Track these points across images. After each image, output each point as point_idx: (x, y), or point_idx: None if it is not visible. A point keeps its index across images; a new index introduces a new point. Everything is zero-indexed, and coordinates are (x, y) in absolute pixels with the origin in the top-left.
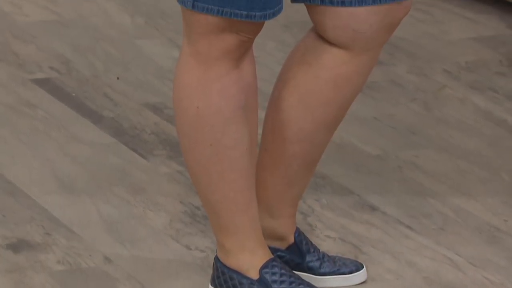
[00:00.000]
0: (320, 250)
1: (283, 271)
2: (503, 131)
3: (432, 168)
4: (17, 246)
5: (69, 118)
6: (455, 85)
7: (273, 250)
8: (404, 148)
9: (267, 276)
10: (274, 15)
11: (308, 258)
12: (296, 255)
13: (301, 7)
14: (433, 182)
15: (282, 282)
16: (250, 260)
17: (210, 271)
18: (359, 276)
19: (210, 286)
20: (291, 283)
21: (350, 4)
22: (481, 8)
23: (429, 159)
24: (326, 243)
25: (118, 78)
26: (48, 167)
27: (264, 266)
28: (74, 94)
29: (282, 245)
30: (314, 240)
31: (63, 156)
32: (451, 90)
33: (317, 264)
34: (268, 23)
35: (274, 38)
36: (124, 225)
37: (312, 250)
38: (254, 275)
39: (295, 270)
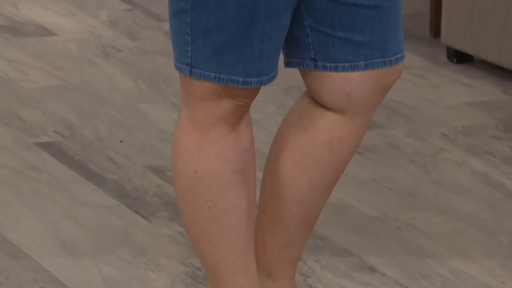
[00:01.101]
0: None
1: None
2: (500, 194)
3: (431, 230)
4: None
5: (72, 181)
6: (453, 149)
7: None
8: (403, 210)
9: None
10: (269, 80)
11: None
12: None
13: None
14: (432, 243)
15: None
16: None
17: None
18: None
19: None
20: None
21: (343, 70)
22: (476, 74)
23: (428, 221)
24: None
25: (121, 141)
26: (52, 229)
27: None
28: (77, 157)
29: None
30: None
31: (66, 219)
32: (448, 153)
33: None
34: (268, 88)
35: (275, 102)
36: (126, 286)
37: None
38: None
39: None
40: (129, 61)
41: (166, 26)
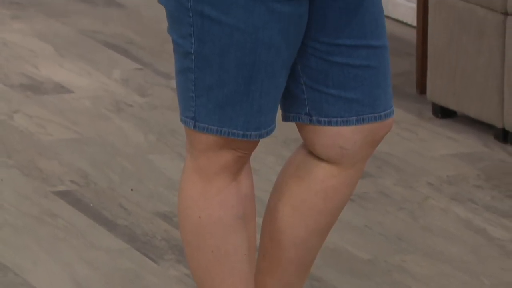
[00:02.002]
0: None
1: None
2: (482, 239)
3: (419, 272)
4: None
5: (87, 226)
6: (438, 197)
7: None
8: (393, 254)
9: None
10: (268, 134)
11: None
12: None
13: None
14: (420, 285)
15: None
16: None
17: None
18: None
19: None
20: None
21: (336, 124)
22: (460, 128)
23: (416, 263)
24: None
25: (132, 190)
26: (68, 271)
27: None
28: (91, 205)
29: None
30: None
31: (81, 262)
32: (434, 201)
33: None
34: (268, 140)
35: (274, 153)
36: None
37: None
38: None
39: None
40: (139, 115)
41: (174, 83)
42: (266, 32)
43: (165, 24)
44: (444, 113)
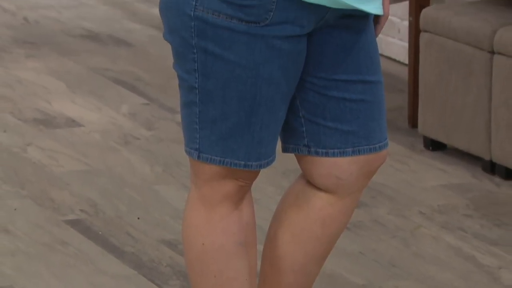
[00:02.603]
0: None
1: None
2: (472, 265)
3: None
4: None
5: (96, 253)
6: (429, 225)
7: None
8: (387, 279)
9: None
10: (268, 164)
11: None
12: None
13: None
14: None
15: None
16: None
17: None
18: None
19: None
20: None
21: (333, 155)
22: (450, 160)
23: None
24: None
25: (138, 219)
26: None
27: None
28: (100, 233)
29: None
30: None
31: (90, 287)
32: (426, 229)
33: None
34: (268, 170)
35: (274, 184)
36: None
37: None
38: None
39: None
40: (146, 148)
41: (179, 117)
42: (267, 68)
43: (170, 62)
44: (434, 146)
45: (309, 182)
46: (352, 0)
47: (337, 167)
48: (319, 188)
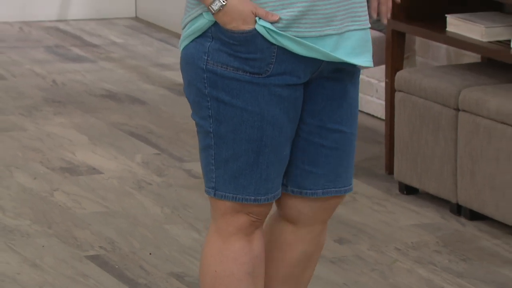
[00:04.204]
0: None
1: None
2: None
3: None
4: None
5: (112, 285)
6: (404, 260)
7: None
8: None
9: None
10: (275, 198)
11: None
12: None
13: None
14: None
15: None
16: None
17: None
18: None
19: None
20: None
21: (306, 195)
22: (422, 203)
23: None
24: None
25: (150, 254)
26: None
27: None
28: (117, 267)
29: None
30: None
31: None
32: (401, 263)
33: None
34: None
35: None
36: None
37: None
38: None
39: None
40: (157, 192)
41: (186, 165)
42: (270, 111)
43: (179, 117)
44: (408, 190)
45: (280, 214)
46: (343, 54)
47: (302, 203)
48: (286, 219)
